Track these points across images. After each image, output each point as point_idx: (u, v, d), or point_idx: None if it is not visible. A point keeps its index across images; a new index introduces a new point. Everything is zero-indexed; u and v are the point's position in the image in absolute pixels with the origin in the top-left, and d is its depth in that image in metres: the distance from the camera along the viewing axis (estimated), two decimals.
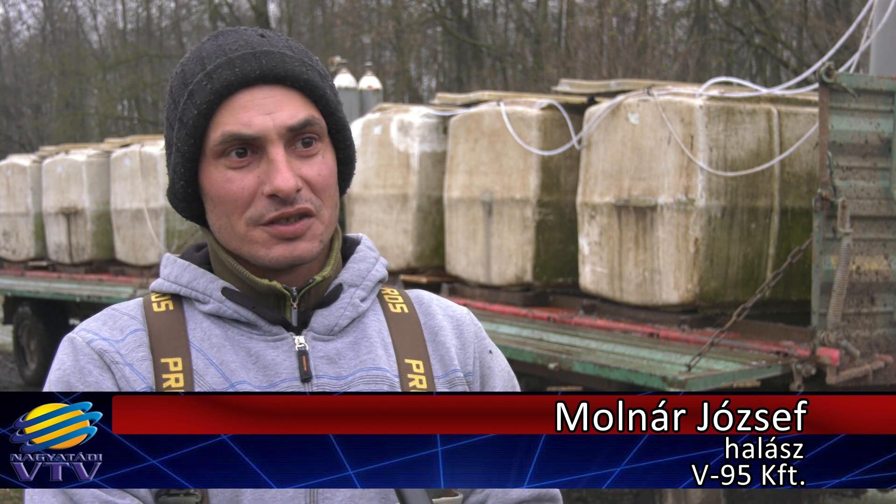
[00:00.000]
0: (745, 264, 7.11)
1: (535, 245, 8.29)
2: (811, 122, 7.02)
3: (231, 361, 1.76)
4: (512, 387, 1.95)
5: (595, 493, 9.36)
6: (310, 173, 1.75)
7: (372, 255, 1.92)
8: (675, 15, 26.24)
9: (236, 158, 1.73)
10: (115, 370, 1.71)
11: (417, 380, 1.83)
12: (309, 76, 1.77)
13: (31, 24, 48.66)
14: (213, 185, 1.75)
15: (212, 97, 1.72)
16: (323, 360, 1.79)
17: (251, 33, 1.80)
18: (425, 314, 1.92)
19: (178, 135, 1.76)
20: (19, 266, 15.77)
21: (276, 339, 1.78)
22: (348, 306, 1.84)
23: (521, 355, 7.32)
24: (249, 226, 1.74)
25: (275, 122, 1.72)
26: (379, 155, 9.77)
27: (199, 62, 1.76)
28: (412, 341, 1.87)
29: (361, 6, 33.58)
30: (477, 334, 1.94)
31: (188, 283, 1.82)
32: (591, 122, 7.70)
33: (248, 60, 1.74)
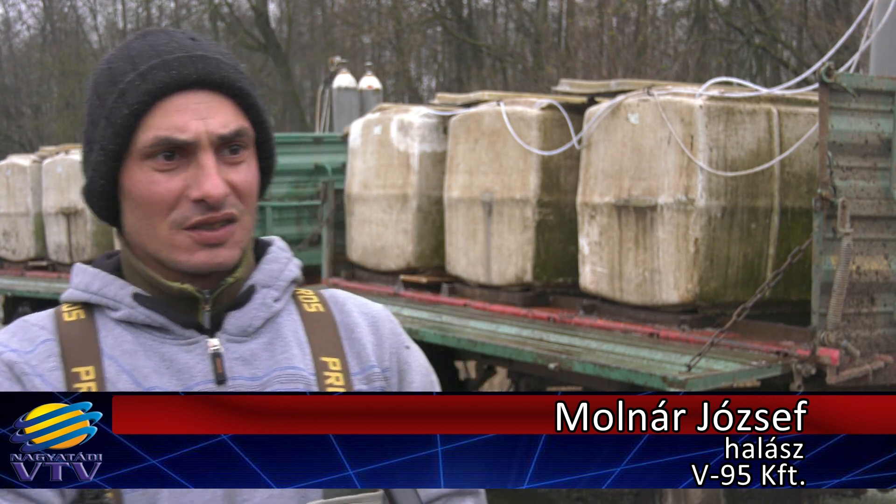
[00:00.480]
0: (746, 264, 7.11)
1: (535, 245, 8.29)
2: (811, 122, 7.01)
3: (143, 367, 1.74)
4: (430, 382, 1.94)
5: (595, 492, 9.36)
6: (237, 179, 1.74)
7: (284, 255, 1.91)
8: (675, 15, 26.25)
9: (164, 161, 1.71)
10: (24, 381, 1.70)
11: (334, 377, 1.82)
12: (242, 84, 1.77)
13: (31, 24, 48.66)
14: (136, 186, 1.73)
15: (145, 97, 1.70)
16: (238, 362, 1.78)
17: (182, 36, 1.78)
18: (340, 312, 1.91)
19: (103, 133, 1.73)
20: (19, 266, 15.77)
21: (189, 343, 1.77)
22: (261, 307, 1.82)
23: (521, 355, 7.32)
24: (173, 229, 1.72)
25: (208, 128, 1.71)
26: (379, 155, 9.77)
27: (129, 61, 1.74)
28: (328, 339, 1.86)
29: (361, 6, 33.57)
30: (393, 330, 1.94)
31: (98, 290, 1.80)
32: (591, 122, 7.69)
33: (184, 63, 1.72)
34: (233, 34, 35.53)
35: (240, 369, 1.77)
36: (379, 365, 1.87)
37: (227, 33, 36.37)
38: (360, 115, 14.03)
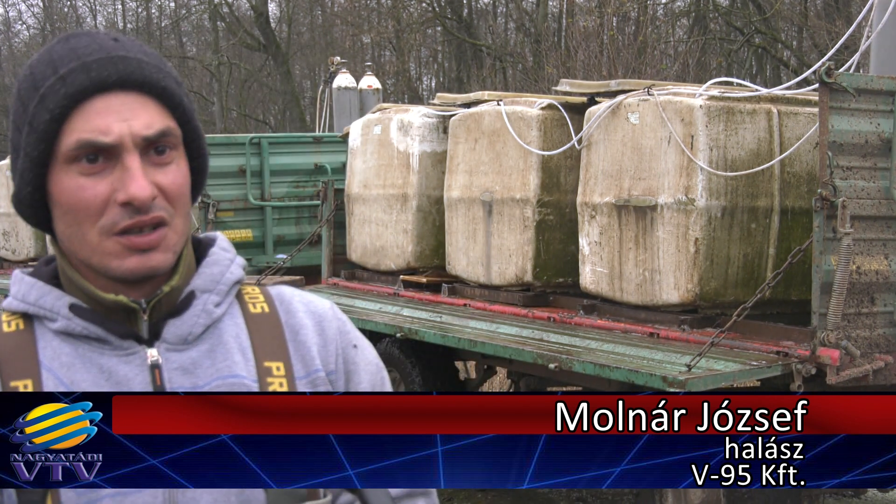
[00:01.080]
0: (746, 264, 7.11)
1: (536, 245, 8.28)
2: (811, 121, 7.01)
3: (82, 380, 1.71)
4: (380, 379, 1.91)
5: (595, 493, 9.36)
6: (164, 181, 1.71)
7: (226, 256, 1.87)
8: (675, 15, 26.25)
9: (88, 164, 1.68)
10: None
11: (277, 382, 1.79)
12: (166, 83, 1.74)
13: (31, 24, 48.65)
14: (63, 193, 1.70)
15: (65, 102, 1.68)
16: (178, 372, 1.75)
17: (104, 37, 1.75)
18: (286, 312, 1.88)
19: (27, 139, 1.71)
20: (19, 266, 15.77)
21: (127, 354, 1.74)
22: (202, 313, 1.79)
23: (521, 355, 7.31)
24: (102, 235, 1.70)
25: (131, 130, 1.68)
26: (379, 155, 9.77)
27: (50, 65, 1.72)
28: (272, 342, 1.83)
29: (361, 6, 33.57)
30: (340, 329, 1.90)
31: (35, 301, 1.77)
32: (591, 122, 7.69)
33: (103, 65, 1.69)
34: (233, 34, 35.54)
35: (179, 380, 1.75)
36: (324, 368, 1.84)
37: (227, 33, 36.38)
38: (360, 114, 14.04)
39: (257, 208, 13.10)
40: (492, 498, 9.10)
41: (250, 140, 13.13)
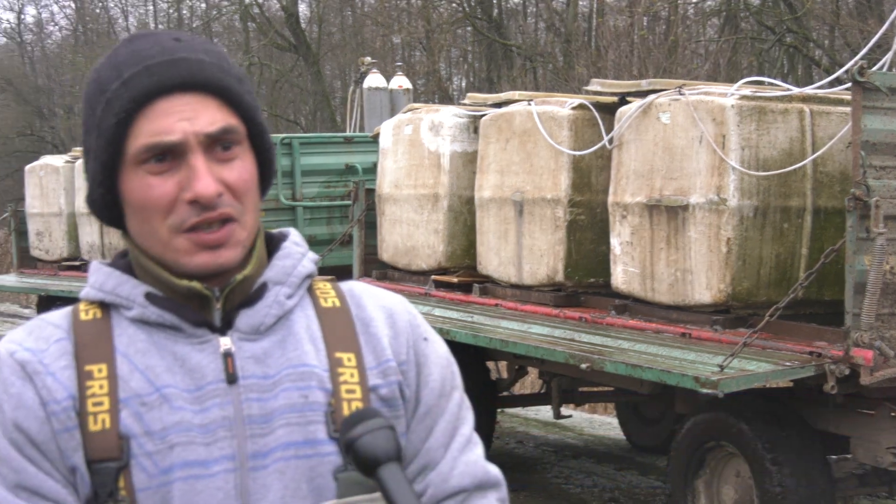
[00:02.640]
0: (778, 264, 7.08)
1: (567, 245, 8.27)
2: (844, 121, 6.98)
3: (156, 366, 1.74)
4: (450, 373, 1.92)
5: (628, 492, 9.35)
6: (230, 177, 1.74)
7: (298, 250, 1.90)
8: (706, 14, 26.14)
9: (156, 164, 1.72)
10: (36, 380, 1.71)
11: (349, 373, 1.81)
12: (226, 82, 1.76)
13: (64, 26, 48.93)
14: (132, 192, 1.74)
15: (129, 105, 1.71)
16: (250, 361, 1.77)
17: (166, 38, 1.78)
18: (357, 306, 1.90)
19: (96, 143, 1.75)
20: (53, 266, 15.86)
21: (201, 342, 1.77)
22: (273, 304, 1.82)
23: (552, 355, 7.31)
24: (171, 233, 1.73)
25: (194, 129, 1.71)
26: (410, 155, 9.78)
27: (114, 69, 1.75)
28: (343, 334, 1.85)
29: (392, 6, 33.62)
30: (411, 322, 1.92)
31: (112, 289, 1.81)
32: (623, 122, 7.68)
33: (165, 67, 1.72)
34: (263, 34, 35.64)
35: (251, 368, 1.77)
36: (395, 359, 1.86)
37: (258, 33, 36.49)
38: (391, 115, 14.06)
39: (289, 208, 13.14)
40: (524, 498, 9.11)
41: (281, 140, 13.16)
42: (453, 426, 1.88)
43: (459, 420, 1.90)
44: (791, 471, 6.51)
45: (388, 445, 1.60)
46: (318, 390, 1.78)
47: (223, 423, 1.73)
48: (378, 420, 1.63)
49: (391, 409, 1.83)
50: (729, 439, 6.84)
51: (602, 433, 11.97)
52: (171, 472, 1.69)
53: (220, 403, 1.73)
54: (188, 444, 1.70)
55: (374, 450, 1.59)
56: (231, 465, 1.72)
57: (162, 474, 1.69)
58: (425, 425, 1.86)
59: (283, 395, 1.76)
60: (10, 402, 1.69)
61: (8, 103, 45.39)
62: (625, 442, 11.23)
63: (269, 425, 1.74)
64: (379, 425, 1.62)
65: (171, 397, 1.72)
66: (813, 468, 6.62)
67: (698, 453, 7.08)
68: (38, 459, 1.68)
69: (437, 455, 1.85)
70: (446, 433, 1.87)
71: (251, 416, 1.74)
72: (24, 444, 1.68)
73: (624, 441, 11.26)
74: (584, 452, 10.94)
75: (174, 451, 1.70)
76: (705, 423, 7.04)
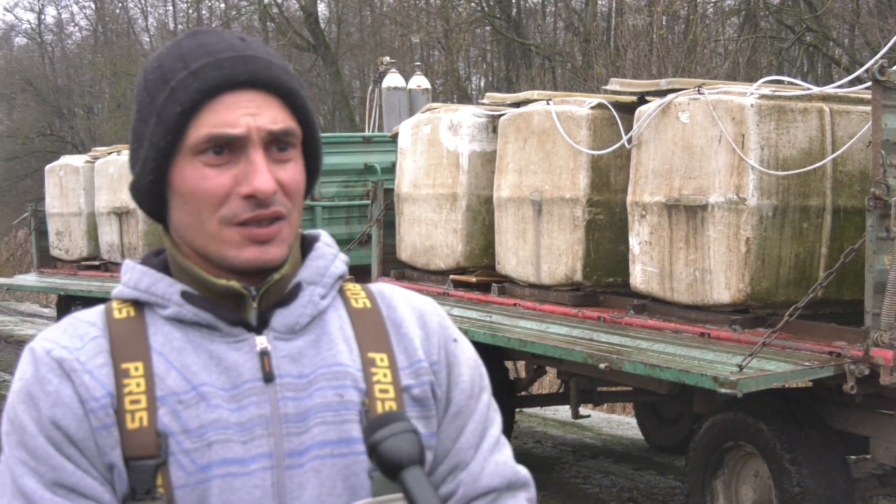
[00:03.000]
0: (797, 264, 7.06)
1: (585, 244, 8.26)
2: (864, 120, 6.95)
3: (192, 364, 1.75)
4: (479, 375, 1.93)
5: (646, 492, 9.34)
6: (284, 177, 1.76)
7: (330, 251, 1.91)
8: (725, 13, 26.08)
9: (213, 156, 1.73)
10: (74, 378, 1.71)
11: (381, 373, 1.82)
12: (292, 84, 1.79)
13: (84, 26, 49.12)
14: (185, 182, 1.75)
15: (197, 96, 1.73)
16: (285, 360, 1.78)
17: (231, 36, 1.80)
18: (388, 307, 1.91)
19: (154, 129, 1.75)
20: (72, 265, 15.92)
21: (237, 341, 1.78)
22: (308, 304, 1.83)
23: (571, 355, 7.30)
24: (222, 225, 1.74)
25: (258, 124, 1.73)
26: (428, 154, 9.78)
27: (180, 59, 1.76)
28: (375, 335, 1.87)
29: (410, 6, 33.64)
30: (441, 324, 1.93)
31: (147, 288, 1.81)
32: (641, 122, 7.67)
33: (235, 63, 1.74)
34: (282, 34, 35.69)
35: (287, 367, 1.78)
36: (427, 359, 1.87)
37: (277, 33, 36.54)
38: (410, 114, 14.07)
39: (307, 208, 13.15)
40: (542, 498, 9.10)
41: None
42: (483, 427, 1.90)
43: (488, 421, 1.91)
44: (810, 471, 6.49)
45: (411, 449, 1.60)
46: (353, 389, 1.79)
47: (260, 421, 1.73)
48: (402, 423, 1.63)
49: (423, 410, 1.84)
50: (748, 439, 6.83)
51: (620, 433, 11.96)
52: (209, 469, 1.70)
53: (257, 402, 1.74)
54: (226, 442, 1.71)
55: (397, 453, 1.59)
56: (268, 464, 1.72)
57: (200, 472, 1.70)
58: (456, 426, 1.87)
59: (318, 393, 1.77)
60: (48, 400, 1.70)
61: (28, 103, 45.58)
62: (643, 442, 11.22)
63: (304, 424, 1.75)
64: (403, 429, 1.62)
65: (207, 395, 1.73)
66: (832, 468, 6.60)
67: (717, 453, 7.07)
68: (76, 457, 1.69)
69: (468, 455, 1.87)
70: (476, 434, 1.88)
71: (287, 415, 1.75)
72: (62, 442, 1.69)
73: (642, 441, 11.25)
74: (602, 452, 10.93)
75: (212, 448, 1.70)
76: (724, 423, 7.03)
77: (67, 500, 1.67)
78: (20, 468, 1.68)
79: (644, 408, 11.08)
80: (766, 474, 6.74)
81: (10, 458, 1.70)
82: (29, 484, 1.67)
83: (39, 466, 1.68)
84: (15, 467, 1.69)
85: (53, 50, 49.45)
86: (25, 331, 21.75)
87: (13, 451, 1.70)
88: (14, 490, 1.68)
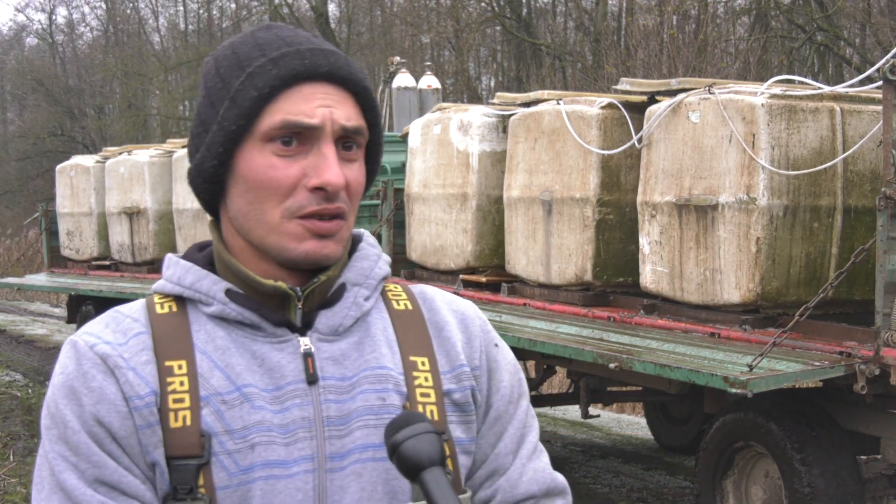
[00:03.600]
0: (808, 264, 7.04)
1: (596, 244, 8.26)
2: (875, 120, 6.94)
3: (236, 364, 1.74)
4: (518, 380, 1.93)
5: (655, 492, 9.33)
6: (350, 176, 1.76)
7: (374, 252, 1.90)
8: (736, 12, 26.06)
9: (283, 147, 1.72)
10: (118, 375, 1.70)
11: (423, 377, 1.82)
12: (367, 84, 1.79)
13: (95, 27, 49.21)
14: (252, 170, 1.73)
15: (276, 82, 1.72)
16: (329, 361, 1.78)
17: (305, 32, 1.81)
18: (429, 310, 1.91)
19: (225, 114, 1.74)
20: (83, 265, 15.94)
21: (280, 341, 1.77)
22: (352, 306, 1.82)
23: (581, 355, 7.30)
24: (284, 216, 1.73)
25: (333, 117, 1.72)
26: (438, 154, 9.78)
27: (256, 48, 1.76)
28: (416, 338, 1.86)
29: (421, 6, 33.67)
30: (482, 328, 1.92)
31: (191, 284, 1.80)
32: (652, 121, 7.66)
33: (317, 55, 1.74)
34: None
35: (330, 369, 1.77)
36: (469, 364, 1.86)
37: None
38: (420, 114, 14.07)
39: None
40: None
41: None
42: (521, 433, 1.90)
43: (527, 427, 1.91)
44: (820, 471, 6.48)
45: (431, 450, 1.59)
46: (395, 393, 1.78)
47: (303, 423, 1.72)
48: (423, 424, 1.62)
49: (463, 414, 1.84)
50: (758, 439, 6.82)
51: (630, 433, 11.95)
52: (252, 471, 1.69)
53: (301, 404, 1.73)
54: (269, 444, 1.70)
55: (418, 454, 1.58)
56: (310, 466, 1.72)
57: (242, 473, 1.69)
58: (495, 431, 1.87)
59: (361, 397, 1.76)
60: (91, 396, 1.69)
61: (39, 104, 45.68)
62: (653, 442, 11.21)
63: (346, 427, 1.74)
64: (423, 430, 1.61)
65: (251, 396, 1.72)
66: (842, 469, 6.59)
67: (727, 453, 7.06)
68: (119, 455, 1.68)
69: (506, 461, 1.87)
70: (515, 440, 1.88)
71: (329, 418, 1.74)
72: (105, 439, 1.68)
73: (652, 441, 11.24)
74: (611, 452, 10.93)
75: (255, 450, 1.69)
76: (734, 423, 7.02)
77: (108, 497, 1.66)
78: (61, 463, 1.67)
79: (654, 408, 11.07)
80: (777, 475, 6.72)
81: (51, 452, 1.68)
82: (70, 480, 1.66)
83: (81, 463, 1.67)
84: (55, 462, 1.68)
85: (64, 50, 49.54)
86: (36, 330, 21.78)
87: (54, 446, 1.68)
88: (53, 485, 1.67)
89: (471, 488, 1.83)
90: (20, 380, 15.67)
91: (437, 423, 1.78)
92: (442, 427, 1.79)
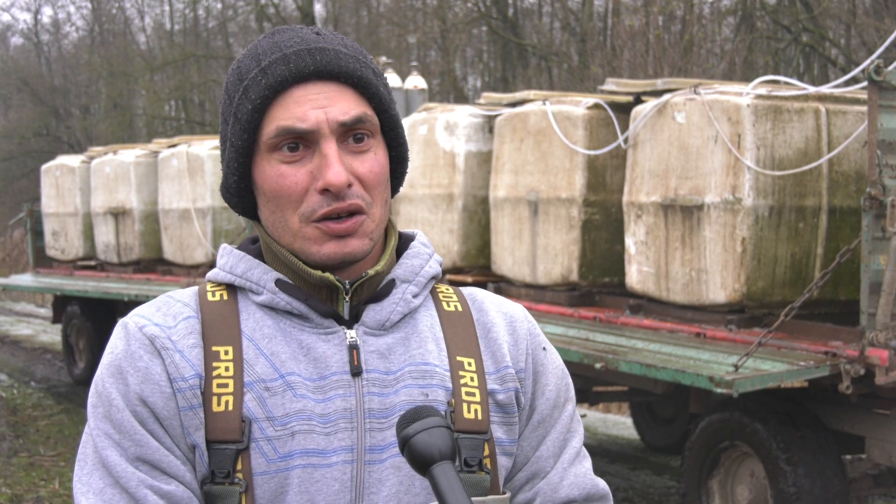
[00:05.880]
0: (793, 264, 7.06)
1: (581, 244, 8.27)
2: (860, 120, 6.96)
3: (282, 352, 1.76)
4: (565, 385, 1.94)
5: (642, 493, 9.34)
6: (361, 169, 1.76)
7: (426, 251, 1.92)
8: (721, 13, 26.09)
9: (288, 153, 1.73)
10: (164, 356, 1.73)
11: (469, 377, 1.82)
12: (362, 73, 1.78)
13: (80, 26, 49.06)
14: (266, 181, 1.76)
15: (266, 92, 1.73)
16: (374, 355, 1.79)
17: (307, 31, 1.81)
18: (478, 311, 1.92)
19: (232, 130, 1.77)
20: (68, 265, 15.92)
21: (327, 333, 1.78)
22: (400, 302, 1.83)
23: (567, 355, 7.30)
24: (302, 222, 1.74)
25: (328, 117, 1.73)
26: (425, 155, 9.78)
27: (254, 59, 1.78)
28: (464, 339, 1.87)
29: (407, 6, 33.63)
30: (531, 331, 1.93)
31: (243, 273, 1.83)
32: (638, 122, 7.67)
33: (302, 56, 1.75)
34: None
35: (375, 362, 1.78)
36: (514, 366, 1.87)
37: None
38: (406, 114, 14.06)
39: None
40: None
41: None
42: (564, 437, 1.90)
43: (571, 432, 1.92)
44: (806, 471, 6.50)
45: (442, 444, 1.59)
46: (440, 388, 1.79)
47: (344, 414, 1.73)
48: (434, 418, 1.61)
49: (506, 416, 1.84)
50: (743, 439, 6.83)
51: (616, 433, 11.96)
52: (291, 458, 1.70)
53: (343, 395, 1.74)
54: (308, 433, 1.71)
55: (428, 448, 1.58)
56: (349, 457, 1.72)
57: (281, 460, 1.70)
58: (538, 434, 1.88)
59: (404, 391, 1.77)
60: (137, 376, 1.71)
61: (24, 103, 45.53)
62: (639, 442, 11.22)
63: (388, 420, 1.75)
64: (434, 424, 1.61)
65: (294, 385, 1.73)
66: (828, 468, 6.61)
67: (712, 453, 7.07)
68: (161, 434, 1.70)
69: (548, 465, 1.87)
70: (557, 444, 1.89)
71: (371, 410, 1.75)
72: (148, 418, 1.70)
73: (638, 441, 11.25)
74: (597, 452, 10.93)
75: (295, 438, 1.71)
76: (720, 422, 7.03)
77: (149, 475, 1.68)
78: (104, 440, 1.69)
79: (640, 408, 11.08)
80: (762, 474, 6.74)
81: (95, 429, 1.71)
82: (112, 457, 1.68)
83: (124, 440, 1.69)
84: (99, 439, 1.70)
85: (50, 50, 49.40)
86: (21, 331, 21.73)
87: (98, 423, 1.71)
88: (96, 461, 1.70)
89: (510, 490, 1.84)
90: (5, 380, 15.63)
91: (481, 422, 1.79)
92: (485, 427, 1.79)
